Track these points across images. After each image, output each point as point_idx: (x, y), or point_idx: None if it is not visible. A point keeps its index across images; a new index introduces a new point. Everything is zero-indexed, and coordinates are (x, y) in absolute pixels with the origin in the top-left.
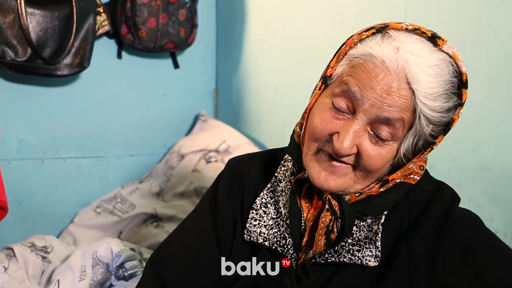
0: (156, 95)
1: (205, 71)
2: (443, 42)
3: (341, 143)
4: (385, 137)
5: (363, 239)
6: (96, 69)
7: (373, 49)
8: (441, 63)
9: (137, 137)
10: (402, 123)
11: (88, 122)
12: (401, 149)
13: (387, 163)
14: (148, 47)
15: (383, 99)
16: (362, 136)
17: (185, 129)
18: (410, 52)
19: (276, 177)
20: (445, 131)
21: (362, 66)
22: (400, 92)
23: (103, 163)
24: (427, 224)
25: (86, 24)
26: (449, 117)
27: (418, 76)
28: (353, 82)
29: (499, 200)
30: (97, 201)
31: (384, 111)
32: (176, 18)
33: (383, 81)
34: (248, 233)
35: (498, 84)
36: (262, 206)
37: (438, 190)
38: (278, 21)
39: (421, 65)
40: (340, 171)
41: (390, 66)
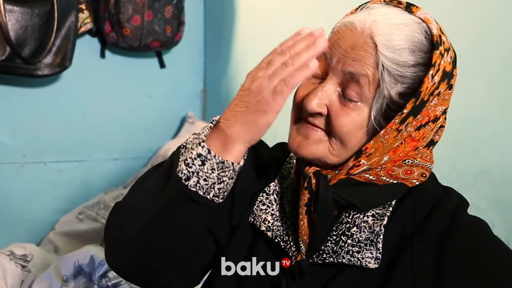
0: (141, 96)
1: (192, 71)
2: (417, 9)
3: (309, 100)
4: (352, 97)
5: (363, 241)
6: (78, 69)
7: (349, 17)
8: (410, 22)
9: (121, 140)
10: (367, 80)
11: (69, 124)
12: (372, 112)
13: (359, 129)
14: (132, 45)
15: (348, 53)
16: (331, 95)
17: (172, 131)
18: (380, 14)
19: (281, 173)
20: (416, 93)
21: (337, 32)
22: (364, 47)
23: (85, 167)
24: (433, 228)
25: (68, 21)
26: (416, 75)
27: (383, 31)
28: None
29: (501, 206)
30: (79, 208)
31: (348, 66)
32: (162, 16)
33: (350, 39)
34: (253, 215)
35: (500, 84)
36: (274, 193)
37: (445, 194)
38: (269, 18)
39: (388, 22)
40: (313, 136)
41: (358, 25)
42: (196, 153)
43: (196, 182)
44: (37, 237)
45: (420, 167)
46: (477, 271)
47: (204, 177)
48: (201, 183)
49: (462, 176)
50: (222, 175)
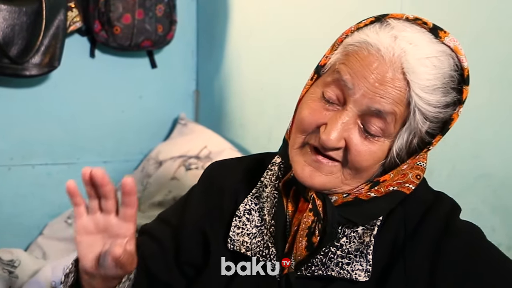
0: (132, 97)
1: (184, 71)
2: (445, 34)
3: (328, 134)
4: (375, 132)
5: (353, 252)
6: (67, 69)
7: (369, 37)
8: (441, 55)
9: (111, 142)
10: (394, 118)
11: (58, 126)
12: (394, 147)
13: (378, 162)
14: (123, 45)
15: (376, 89)
16: (351, 129)
17: (163, 133)
18: (408, 41)
19: (262, 182)
20: (443, 130)
21: (356, 53)
22: (394, 83)
23: (75, 170)
24: (425, 238)
25: (56, 20)
26: (447, 114)
27: (415, 67)
28: (345, 70)
29: (502, 210)
30: (68, 212)
31: (376, 103)
32: (153, 14)
33: (377, 70)
34: (231, 242)
35: (501, 85)
36: (245, 213)
37: (436, 200)
38: (264, 16)
39: (418, 56)
40: (326, 168)
41: (386, 54)
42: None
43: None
44: (24, 242)
45: (414, 168)
46: (473, 280)
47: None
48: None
49: (461, 180)
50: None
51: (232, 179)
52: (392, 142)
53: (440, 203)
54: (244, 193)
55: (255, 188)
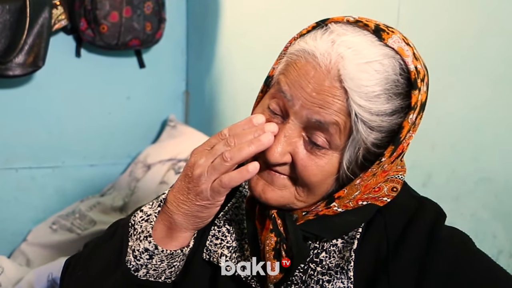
0: (119, 98)
1: (174, 71)
2: (388, 36)
3: (271, 150)
4: (322, 144)
5: (334, 268)
6: (51, 68)
7: (307, 44)
8: (382, 58)
9: (97, 145)
10: (338, 128)
11: (42, 128)
12: (343, 161)
13: (329, 177)
14: (110, 44)
15: (313, 99)
16: (296, 142)
17: (152, 136)
18: (347, 46)
19: (241, 192)
20: (394, 140)
21: (294, 63)
22: (332, 92)
23: (59, 174)
24: (409, 250)
25: (41, 18)
26: (393, 123)
27: (353, 73)
28: (284, 81)
29: (503, 215)
30: (53, 217)
31: (315, 113)
32: (141, 12)
33: (314, 79)
34: (207, 252)
35: (502, 85)
36: (226, 223)
37: (419, 207)
38: (256, 15)
39: (357, 61)
40: (278, 182)
41: (322, 61)
42: (143, 247)
43: (145, 273)
44: (8, 248)
45: (389, 180)
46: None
47: (154, 268)
48: (151, 272)
49: (461, 184)
50: (172, 262)
51: None
52: (341, 154)
53: (423, 211)
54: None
55: (234, 198)
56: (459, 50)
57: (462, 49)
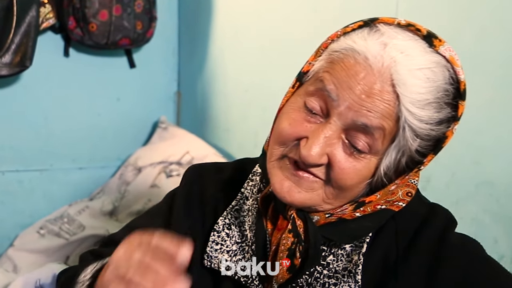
0: (109, 99)
1: (165, 71)
2: (440, 43)
3: (309, 150)
4: (361, 148)
5: (341, 271)
6: (39, 68)
7: (356, 43)
8: (435, 66)
9: (86, 147)
10: (383, 133)
11: (30, 130)
12: (382, 166)
13: (363, 181)
14: (99, 43)
15: (362, 101)
16: (334, 144)
17: (142, 138)
18: (399, 50)
19: (242, 194)
20: (436, 149)
21: (341, 61)
22: (382, 96)
23: (47, 177)
24: (418, 255)
25: (28, 16)
26: (440, 132)
27: (405, 78)
28: (329, 79)
29: (505, 220)
30: (40, 222)
31: (362, 116)
32: (132, 10)
33: (364, 81)
34: (208, 259)
35: (504, 86)
36: (225, 228)
37: (430, 213)
38: (249, 14)
39: (410, 66)
40: (306, 184)
41: (374, 64)
42: None
43: None
44: None
45: (405, 185)
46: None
47: None
48: None
49: (462, 188)
50: None
51: (212, 187)
52: (379, 160)
53: (434, 217)
54: (224, 205)
55: (235, 200)
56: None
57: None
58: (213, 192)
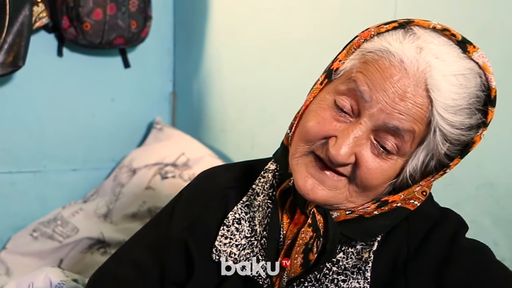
0: (103, 99)
1: (160, 71)
2: (474, 50)
3: (338, 149)
4: (390, 149)
5: (350, 268)
6: (32, 68)
7: (392, 45)
8: (469, 72)
9: (80, 148)
10: (412, 136)
11: (23, 131)
12: (408, 167)
13: (388, 181)
14: (93, 42)
15: (395, 104)
16: (363, 144)
17: (137, 139)
18: (435, 54)
19: (253, 190)
20: (463, 153)
21: (376, 63)
22: (415, 99)
23: (41, 179)
24: (428, 256)
25: (21, 16)
26: (470, 137)
27: (440, 84)
28: (362, 80)
29: (506, 222)
30: (33, 224)
31: (394, 119)
32: (126, 9)
33: (398, 84)
34: (217, 253)
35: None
36: (235, 222)
37: (443, 217)
38: (247, 12)
39: (445, 72)
40: (330, 182)
41: (409, 67)
42: None
43: None
44: None
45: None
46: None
47: None
48: None
49: (462, 189)
50: None
51: (221, 185)
52: (405, 161)
53: (446, 221)
54: (234, 201)
55: (245, 196)
56: None
57: None
58: (223, 187)
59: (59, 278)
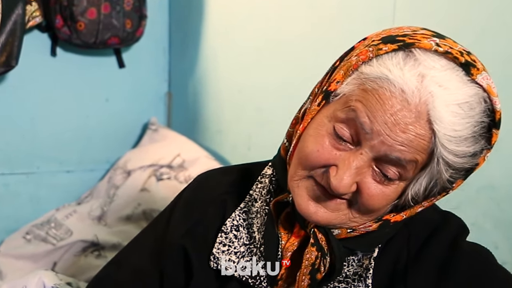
0: (98, 99)
1: (155, 71)
2: (478, 72)
3: (340, 181)
4: (392, 176)
5: (351, 275)
6: (25, 68)
7: (392, 73)
8: (473, 99)
9: (74, 150)
10: (415, 165)
11: (16, 132)
12: (409, 191)
13: (390, 203)
14: (87, 42)
15: (397, 136)
16: (365, 173)
17: (132, 140)
18: (437, 82)
19: (251, 196)
20: (466, 176)
21: (376, 92)
22: (417, 131)
23: (34, 181)
24: (428, 260)
25: (14, 15)
26: (474, 163)
27: (442, 115)
28: (362, 111)
29: (506, 225)
30: (27, 226)
31: (395, 151)
32: (121, 8)
33: (399, 115)
34: (215, 260)
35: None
36: (233, 229)
37: (443, 221)
38: (243, 11)
39: (448, 101)
40: (333, 206)
41: (411, 98)
42: None
43: None
44: None
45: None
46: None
47: None
48: None
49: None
50: None
51: (219, 191)
52: (407, 184)
53: (447, 225)
54: (232, 207)
55: (243, 202)
56: None
57: None
58: (220, 194)
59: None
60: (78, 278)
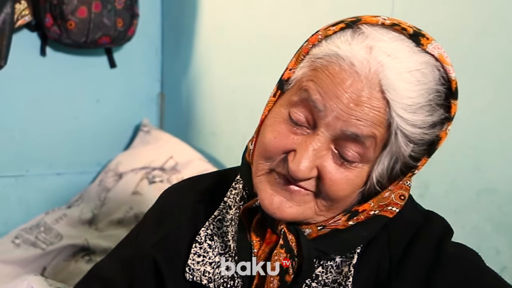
0: (88, 100)
1: (148, 72)
2: (428, 41)
3: (297, 164)
4: (352, 158)
5: (330, 283)
6: (14, 68)
7: (340, 48)
8: (424, 67)
9: (64, 152)
10: (374, 141)
11: (4, 133)
12: (374, 173)
13: (356, 190)
14: (78, 41)
15: (351, 110)
16: (324, 156)
17: (124, 142)
18: (386, 52)
19: (225, 203)
20: (429, 151)
21: (326, 69)
22: (371, 103)
23: (23, 183)
24: (413, 266)
25: (2, 13)
26: (434, 134)
27: (395, 83)
28: (314, 89)
29: (507, 229)
30: (15, 230)
31: (351, 126)
32: (112, 7)
33: (351, 88)
34: (190, 272)
35: (507, 86)
36: (207, 239)
37: (425, 222)
38: (236, 10)
39: (398, 70)
40: (298, 198)
41: (361, 69)
42: None
43: None
44: None
45: (398, 187)
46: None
47: None
48: None
49: (462, 195)
50: None
51: (191, 199)
52: (371, 167)
53: (429, 226)
54: (205, 215)
55: (217, 210)
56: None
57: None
58: (192, 202)
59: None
60: (68, 283)
